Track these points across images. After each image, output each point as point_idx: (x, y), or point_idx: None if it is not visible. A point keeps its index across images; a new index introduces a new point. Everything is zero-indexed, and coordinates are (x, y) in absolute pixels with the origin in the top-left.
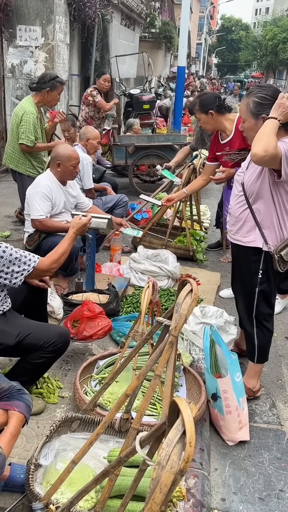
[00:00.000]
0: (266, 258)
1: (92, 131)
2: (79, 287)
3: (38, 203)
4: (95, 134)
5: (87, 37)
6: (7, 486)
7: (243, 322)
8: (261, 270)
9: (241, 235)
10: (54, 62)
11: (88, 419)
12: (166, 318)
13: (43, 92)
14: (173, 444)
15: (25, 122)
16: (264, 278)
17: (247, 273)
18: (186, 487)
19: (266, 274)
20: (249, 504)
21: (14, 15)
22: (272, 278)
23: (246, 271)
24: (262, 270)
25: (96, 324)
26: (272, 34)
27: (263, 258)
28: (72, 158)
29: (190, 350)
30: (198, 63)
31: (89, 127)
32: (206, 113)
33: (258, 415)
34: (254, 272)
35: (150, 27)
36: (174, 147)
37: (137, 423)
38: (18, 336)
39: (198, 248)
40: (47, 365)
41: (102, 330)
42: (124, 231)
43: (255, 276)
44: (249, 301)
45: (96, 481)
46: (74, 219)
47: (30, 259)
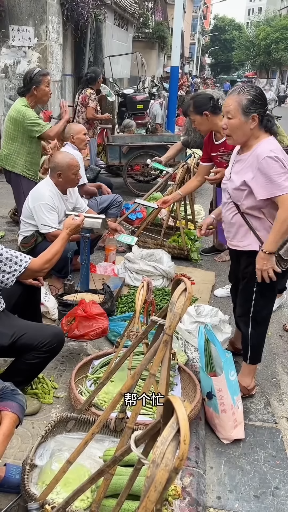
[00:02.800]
0: None
1: (74, 127)
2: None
3: (47, 216)
4: (77, 128)
5: (80, 37)
6: (2, 487)
7: (238, 322)
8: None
9: (237, 240)
10: (47, 62)
11: (83, 419)
12: (161, 317)
13: (32, 91)
14: (167, 442)
15: (28, 117)
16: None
17: (245, 274)
18: (181, 485)
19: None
20: (245, 502)
21: (7, 15)
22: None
23: (245, 273)
24: None
25: (90, 325)
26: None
27: None
28: (72, 167)
29: (185, 349)
30: (192, 63)
31: (71, 124)
32: (200, 114)
33: (253, 413)
34: (252, 273)
35: (143, 27)
36: (167, 147)
37: (132, 422)
38: (13, 336)
39: (193, 247)
40: (41, 365)
41: (94, 332)
42: (118, 238)
43: (253, 277)
44: (247, 302)
45: (91, 481)
46: (67, 220)
47: (22, 259)
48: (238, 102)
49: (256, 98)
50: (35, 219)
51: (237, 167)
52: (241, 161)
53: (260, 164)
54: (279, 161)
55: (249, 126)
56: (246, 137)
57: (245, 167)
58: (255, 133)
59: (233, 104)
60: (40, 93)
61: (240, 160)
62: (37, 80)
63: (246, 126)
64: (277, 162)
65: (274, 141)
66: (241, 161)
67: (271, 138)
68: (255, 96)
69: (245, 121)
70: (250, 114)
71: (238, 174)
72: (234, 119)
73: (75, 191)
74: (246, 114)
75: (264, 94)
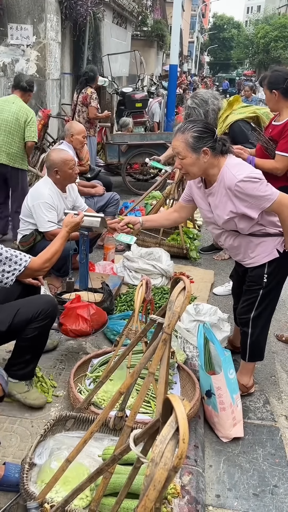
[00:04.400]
0: (271, 262)
1: (76, 126)
2: (70, 287)
3: (45, 215)
4: (79, 129)
5: (79, 36)
6: (1, 486)
7: (239, 320)
8: (266, 274)
9: (250, 259)
10: (46, 60)
11: (82, 418)
12: (160, 316)
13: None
14: (166, 441)
15: (33, 122)
16: (269, 282)
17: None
18: (180, 484)
19: (271, 277)
20: (244, 500)
21: (5, 14)
22: (277, 281)
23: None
24: (267, 274)
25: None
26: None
27: (268, 263)
28: (67, 162)
29: (184, 348)
30: (190, 61)
31: (73, 122)
32: (270, 91)
33: (252, 411)
34: (259, 277)
35: (142, 26)
36: (166, 146)
37: (131, 421)
38: (8, 318)
39: (192, 246)
40: (44, 337)
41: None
42: (117, 237)
43: (261, 279)
44: (250, 303)
45: (90, 479)
46: (67, 218)
47: (22, 258)
48: (185, 142)
49: (201, 132)
50: (34, 217)
51: (212, 200)
52: (213, 194)
53: (235, 192)
54: (249, 178)
55: (202, 161)
56: (203, 170)
57: (222, 199)
58: (212, 162)
59: (181, 144)
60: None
61: (211, 193)
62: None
63: (199, 162)
64: (248, 180)
65: (231, 160)
66: (213, 194)
67: (228, 160)
68: (199, 131)
69: (196, 157)
70: (200, 149)
71: (218, 207)
72: (185, 158)
73: (75, 190)
74: (196, 151)
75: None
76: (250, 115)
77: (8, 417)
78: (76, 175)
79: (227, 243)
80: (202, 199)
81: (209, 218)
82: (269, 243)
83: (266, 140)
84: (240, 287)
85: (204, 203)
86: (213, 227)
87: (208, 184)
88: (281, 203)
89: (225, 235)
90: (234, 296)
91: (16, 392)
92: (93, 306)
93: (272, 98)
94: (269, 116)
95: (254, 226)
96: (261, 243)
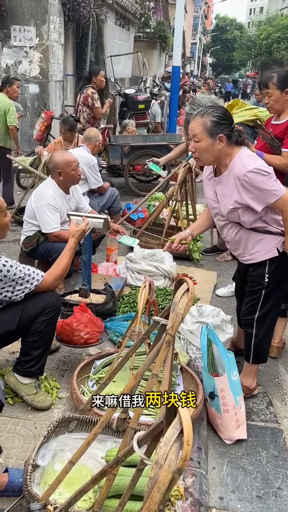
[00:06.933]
0: (272, 261)
1: (98, 135)
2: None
3: (48, 216)
4: (100, 137)
5: (82, 37)
6: (6, 492)
7: (243, 322)
8: (267, 274)
9: (250, 253)
10: (49, 62)
11: (85, 419)
12: (163, 317)
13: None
14: (170, 443)
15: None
16: (270, 282)
17: (254, 278)
18: (184, 486)
19: (272, 277)
20: (247, 503)
21: (9, 16)
22: (278, 281)
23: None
24: (268, 273)
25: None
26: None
27: (268, 262)
28: (70, 163)
29: (187, 349)
30: (193, 62)
31: (93, 129)
32: (281, 90)
33: (255, 413)
34: (261, 276)
35: (144, 27)
36: (169, 147)
37: (134, 423)
38: (16, 317)
39: (194, 247)
40: (52, 329)
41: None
42: (120, 239)
43: (262, 279)
44: (254, 304)
45: (94, 481)
46: (72, 227)
47: (34, 277)
48: (203, 125)
49: (221, 118)
50: (38, 219)
51: (220, 189)
52: (222, 183)
53: (243, 181)
54: (259, 170)
55: (217, 147)
56: (215, 158)
57: (229, 189)
58: (226, 151)
59: (198, 127)
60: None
61: (220, 181)
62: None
63: (213, 148)
64: (258, 172)
65: (245, 151)
66: (222, 182)
67: (242, 151)
68: (219, 117)
69: (212, 142)
70: (216, 135)
71: (225, 196)
72: (200, 142)
73: (78, 191)
74: (212, 136)
75: (228, 113)
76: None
77: (11, 419)
78: (79, 177)
79: (229, 236)
80: (210, 189)
81: (214, 208)
82: (269, 240)
83: (272, 138)
84: (242, 288)
85: (212, 193)
86: (218, 218)
87: (218, 173)
88: (286, 200)
89: (228, 227)
90: (237, 297)
91: (24, 394)
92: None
93: (282, 98)
94: None
95: (257, 222)
96: (261, 240)
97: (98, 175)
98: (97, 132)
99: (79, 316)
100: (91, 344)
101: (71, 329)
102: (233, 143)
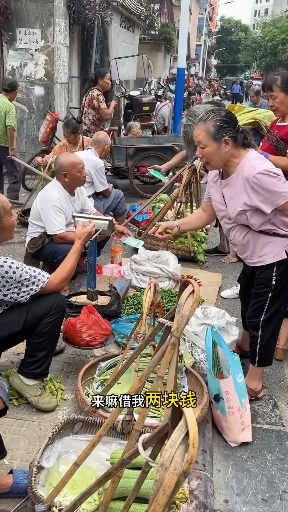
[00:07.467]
0: (280, 264)
1: (107, 138)
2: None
3: (54, 218)
4: (109, 141)
5: (87, 39)
6: (11, 493)
7: (248, 324)
8: (275, 277)
9: (258, 257)
10: (54, 64)
11: (90, 421)
12: (168, 319)
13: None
14: (176, 446)
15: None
16: (278, 284)
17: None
18: (189, 488)
19: (279, 280)
20: (252, 506)
21: (14, 18)
22: (286, 284)
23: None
24: (276, 276)
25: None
26: (271, 35)
27: (276, 265)
28: (76, 164)
29: (192, 351)
30: (198, 64)
31: (102, 133)
32: (285, 93)
33: (260, 416)
34: (268, 279)
35: (149, 29)
36: (174, 149)
37: (139, 425)
38: (21, 318)
39: (199, 249)
40: (57, 331)
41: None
42: (124, 241)
43: (269, 282)
44: (260, 307)
45: (99, 483)
46: (78, 229)
47: (40, 279)
48: (206, 131)
49: (223, 121)
50: (43, 220)
51: (228, 192)
52: (230, 185)
53: (253, 183)
54: (268, 172)
55: (223, 151)
56: (224, 160)
57: (237, 191)
58: (233, 153)
59: (202, 133)
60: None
61: (228, 184)
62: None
63: (220, 152)
64: (267, 174)
65: (253, 153)
66: (229, 184)
67: (250, 153)
68: (221, 120)
69: (218, 147)
70: (221, 139)
71: (233, 199)
72: (206, 147)
73: (83, 193)
74: (217, 140)
75: (232, 115)
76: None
77: (16, 420)
78: (84, 178)
79: (237, 239)
80: (217, 191)
81: (221, 211)
82: (278, 243)
83: (277, 139)
84: (247, 290)
85: (219, 196)
86: (224, 221)
87: (225, 176)
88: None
89: (235, 230)
90: (242, 299)
91: (29, 395)
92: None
93: (286, 100)
94: (272, 119)
95: (266, 224)
96: (269, 242)
97: (104, 178)
98: (106, 136)
99: (84, 317)
100: (93, 346)
101: (74, 329)
102: (240, 145)
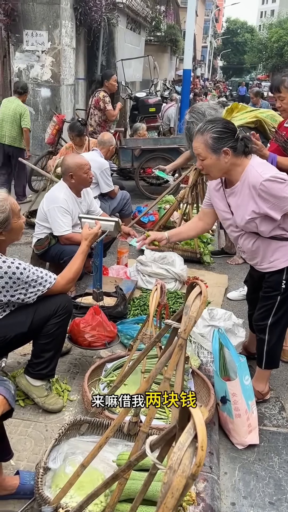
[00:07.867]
0: None
1: (112, 139)
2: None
3: (60, 219)
4: (114, 142)
5: (93, 41)
6: (18, 494)
7: (255, 327)
8: (284, 280)
9: (268, 263)
10: (61, 66)
11: (96, 422)
12: (175, 320)
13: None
14: (184, 448)
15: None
16: (287, 288)
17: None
18: (195, 491)
19: None
20: (259, 509)
21: (21, 20)
22: None
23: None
24: (286, 280)
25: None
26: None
27: (286, 269)
28: (82, 166)
29: (198, 353)
30: (204, 66)
31: (107, 134)
32: None
33: (267, 418)
34: (278, 282)
35: (155, 31)
36: (180, 150)
37: (146, 427)
38: (28, 319)
39: (205, 250)
40: (64, 332)
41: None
42: (130, 242)
43: (279, 285)
44: (268, 310)
45: (105, 485)
46: (84, 230)
47: (46, 280)
48: (204, 143)
49: (221, 133)
50: (49, 221)
51: (234, 201)
52: (235, 194)
53: (260, 190)
54: (275, 178)
55: (223, 161)
56: (224, 171)
57: (244, 199)
58: (235, 162)
59: (200, 146)
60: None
61: (233, 193)
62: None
63: (220, 163)
64: (274, 180)
65: (256, 160)
66: (235, 193)
67: (253, 159)
68: (219, 132)
69: (217, 158)
70: (220, 150)
71: (240, 207)
72: (206, 160)
73: (90, 194)
74: (216, 152)
75: (229, 124)
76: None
77: (22, 421)
78: (91, 179)
79: (245, 246)
80: (221, 200)
81: (227, 220)
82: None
83: (285, 140)
84: (255, 293)
85: (223, 204)
86: (231, 229)
87: (229, 184)
88: None
89: (244, 237)
90: (249, 302)
91: (35, 396)
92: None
93: None
94: (275, 118)
95: (276, 230)
96: (280, 247)
97: (109, 179)
98: (111, 136)
99: (89, 318)
100: (95, 347)
101: (78, 329)
102: (241, 154)
